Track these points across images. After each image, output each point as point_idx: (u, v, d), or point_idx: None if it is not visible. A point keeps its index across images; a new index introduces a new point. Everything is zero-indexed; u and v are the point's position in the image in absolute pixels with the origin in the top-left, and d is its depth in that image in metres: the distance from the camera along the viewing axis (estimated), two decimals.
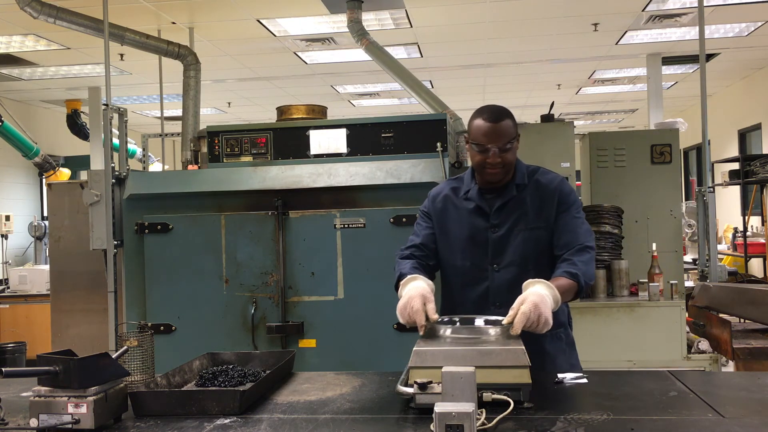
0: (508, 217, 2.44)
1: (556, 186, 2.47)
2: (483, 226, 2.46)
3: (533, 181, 2.48)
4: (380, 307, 3.67)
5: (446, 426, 1.50)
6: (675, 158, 4.87)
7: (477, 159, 2.40)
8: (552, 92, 11.35)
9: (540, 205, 2.44)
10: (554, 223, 2.43)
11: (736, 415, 1.76)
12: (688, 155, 13.35)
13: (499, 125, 2.37)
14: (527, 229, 2.43)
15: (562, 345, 2.50)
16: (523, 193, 2.46)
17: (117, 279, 3.98)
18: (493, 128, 2.36)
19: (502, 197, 2.46)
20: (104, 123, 4.17)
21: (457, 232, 2.51)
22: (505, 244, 2.44)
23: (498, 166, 2.38)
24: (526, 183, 2.47)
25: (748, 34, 8.16)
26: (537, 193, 2.46)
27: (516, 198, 2.45)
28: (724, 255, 9.24)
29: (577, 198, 2.52)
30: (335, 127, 3.96)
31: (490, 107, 2.44)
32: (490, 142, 2.36)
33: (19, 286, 7.78)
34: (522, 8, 7.01)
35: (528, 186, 2.47)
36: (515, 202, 2.45)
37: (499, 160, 2.37)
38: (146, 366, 2.07)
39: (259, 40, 7.80)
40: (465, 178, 2.56)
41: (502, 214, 2.45)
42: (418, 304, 2.14)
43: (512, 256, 2.43)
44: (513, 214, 2.44)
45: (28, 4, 5.40)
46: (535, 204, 2.44)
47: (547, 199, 2.44)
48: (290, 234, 3.75)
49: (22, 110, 10.70)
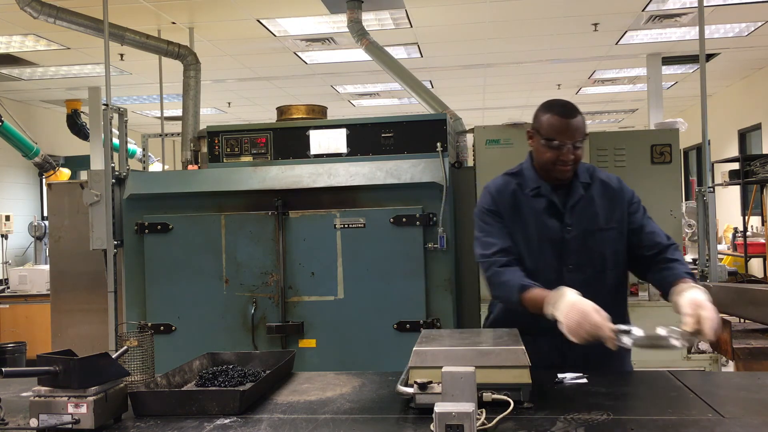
0: (581, 216, 2.36)
1: (622, 186, 2.43)
2: (557, 226, 2.36)
3: (597, 179, 2.42)
4: (380, 307, 3.68)
5: (446, 426, 1.50)
6: (675, 158, 4.86)
7: (548, 156, 2.31)
8: (552, 92, 11.35)
9: (610, 206, 2.38)
10: (628, 225, 2.38)
11: (736, 415, 1.76)
12: (688, 155, 13.35)
13: (574, 121, 2.30)
14: (601, 230, 2.36)
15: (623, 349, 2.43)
16: (590, 191, 2.39)
17: (117, 279, 3.98)
18: (568, 124, 2.30)
19: (571, 196, 2.37)
20: (104, 123, 4.17)
21: (529, 231, 2.38)
22: (579, 245, 2.35)
23: (570, 163, 2.31)
24: (590, 181, 2.40)
25: (748, 34, 8.16)
26: (604, 193, 2.39)
27: (585, 197, 2.38)
28: (724, 255, 9.24)
29: None
30: (335, 127, 3.96)
31: (559, 102, 2.37)
32: (566, 139, 2.29)
33: (19, 286, 7.78)
34: (522, 8, 7.00)
35: (593, 184, 2.40)
36: (585, 202, 2.38)
37: (572, 157, 2.30)
38: (146, 366, 2.07)
39: (259, 40, 7.80)
40: (526, 174, 2.42)
41: (575, 214, 2.36)
42: (598, 317, 1.97)
43: (587, 257, 2.36)
44: (585, 214, 2.37)
45: (28, 4, 5.40)
46: (604, 204, 2.38)
47: (616, 200, 2.39)
48: (290, 234, 3.75)
49: (22, 110, 10.70)
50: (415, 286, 3.66)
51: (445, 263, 3.70)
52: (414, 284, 3.66)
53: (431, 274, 3.69)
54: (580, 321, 1.98)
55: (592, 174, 2.43)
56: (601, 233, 2.36)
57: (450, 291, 3.70)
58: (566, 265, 2.36)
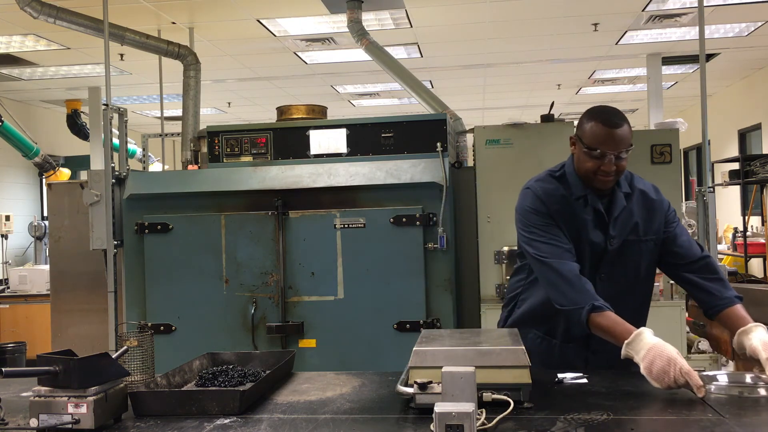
0: (623, 227, 2.32)
1: (659, 197, 2.38)
2: (601, 237, 2.31)
3: (636, 189, 2.36)
4: (380, 307, 3.68)
5: (446, 426, 1.50)
6: (675, 158, 4.86)
7: (589, 165, 2.24)
8: (552, 92, 11.35)
9: (648, 217, 2.34)
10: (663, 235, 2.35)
11: (736, 415, 1.76)
12: (688, 155, 13.35)
13: (618, 131, 2.21)
14: (639, 241, 2.32)
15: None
16: (630, 202, 2.34)
17: (117, 279, 3.98)
18: (612, 134, 2.20)
19: (615, 206, 2.32)
20: (104, 123, 4.17)
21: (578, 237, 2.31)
22: (616, 256, 2.32)
23: (611, 174, 2.24)
24: (630, 191, 2.35)
25: (748, 34, 8.16)
26: (643, 203, 2.35)
27: (626, 208, 2.33)
28: (724, 255, 9.24)
29: None
30: (335, 127, 3.96)
31: (606, 109, 2.28)
32: (609, 149, 2.20)
33: (19, 286, 7.78)
34: (522, 8, 7.00)
35: (633, 194, 2.35)
36: (627, 212, 2.33)
37: (614, 168, 2.22)
38: (146, 366, 2.07)
39: (259, 40, 7.80)
40: (570, 179, 2.34)
41: (618, 224, 2.32)
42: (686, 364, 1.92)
43: (622, 267, 2.32)
44: (627, 225, 2.32)
45: (28, 4, 5.40)
46: (643, 215, 2.34)
47: (655, 211, 2.35)
48: (290, 234, 3.75)
49: (22, 110, 10.70)
50: (415, 286, 3.66)
51: (445, 263, 3.70)
52: (414, 284, 3.66)
53: (431, 274, 3.69)
54: (666, 369, 1.92)
55: (630, 183, 2.37)
56: (639, 244, 2.33)
57: (450, 291, 3.70)
58: (599, 274, 2.32)
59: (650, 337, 2.01)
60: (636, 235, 2.33)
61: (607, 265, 2.32)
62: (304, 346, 3.71)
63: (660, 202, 2.38)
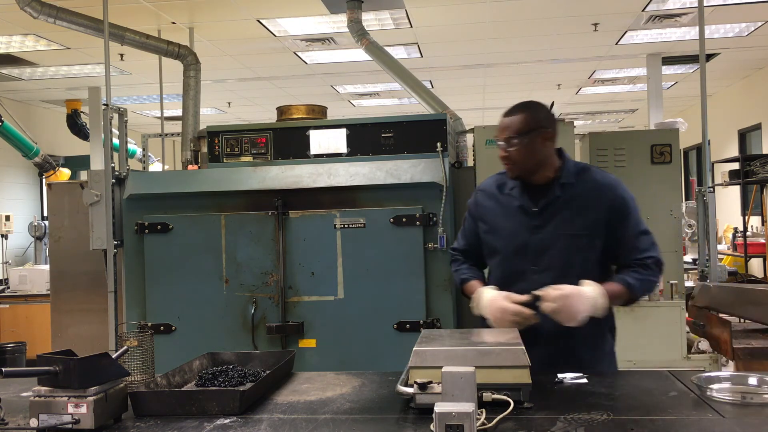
0: (552, 219, 2.33)
1: (609, 192, 2.32)
2: (525, 226, 2.35)
3: (582, 181, 2.34)
4: (380, 307, 3.67)
5: (446, 426, 1.50)
6: (675, 158, 4.86)
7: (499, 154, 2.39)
8: (552, 92, 11.35)
9: (585, 212, 2.31)
10: (609, 233, 2.31)
11: (736, 415, 1.76)
12: (688, 155, 13.35)
13: (506, 119, 2.34)
14: (570, 235, 2.31)
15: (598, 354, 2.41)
16: (569, 193, 2.33)
17: (117, 279, 3.98)
18: (501, 122, 2.35)
19: (546, 197, 2.34)
20: (104, 123, 4.17)
21: (498, 229, 2.41)
22: (546, 248, 2.32)
23: (506, 161, 2.33)
24: (572, 182, 2.34)
25: (748, 34, 8.16)
26: (585, 196, 2.32)
27: (561, 199, 2.33)
28: (724, 255, 9.24)
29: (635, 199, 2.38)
30: (335, 127, 3.96)
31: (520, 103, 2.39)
32: (498, 135, 2.36)
33: (19, 286, 7.78)
34: (522, 8, 7.01)
35: (575, 186, 2.34)
36: (560, 203, 2.33)
37: (505, 155, 2.32)
38: (146, 366, 2.07)
39: (259, 40, 7.80)
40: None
41: (545, 215, 2.33)
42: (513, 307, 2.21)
43: (553, 260, 2.32)
44: (557, 217, 2.32)
45: (28, 4, 5.40)
46: (581, 208, 2.32)
47: (594, 206, 2.31)
48: (290, 234, 3.75)
49: (22, 110, 10.70)
50: (415, 286, 3.66)
51: (445, 263, 3.70)
52: (414, 284, 3.66)
53: (431, 274, 3.69)
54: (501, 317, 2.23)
55: (583, 175, 2.35)
56: (570, 239, 2.31)
57: (450, 291, 3.70)
58: (532, 266, 2.35)
59: (486, 294, 2.30)
60: (567, 228, 2.32)
61: (537, 257, 2.34)
62: (304, 346, 3.70)
63: (602, 197, 2.32)
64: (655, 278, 2.31)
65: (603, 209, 2.31)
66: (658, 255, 2.32)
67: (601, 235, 2.32)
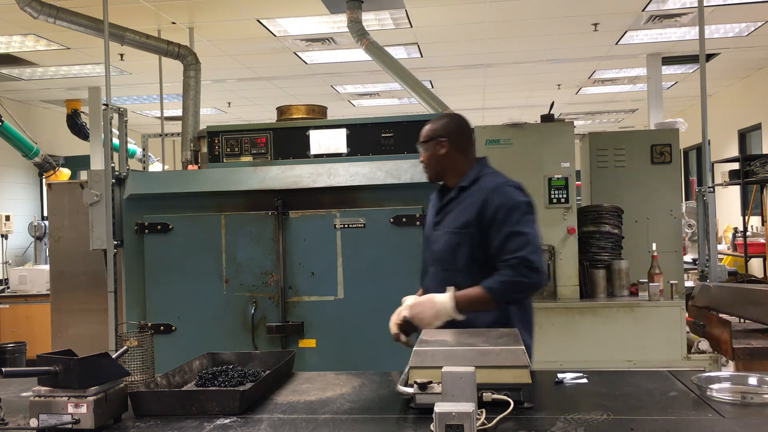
0: (444, 217, 2.57)
1: (487, 195, 2.47)
2: (431, 223, 2.64)
3: (475, 185, 2.55)
4: (380, 307, 3.66)
5: (446, 426, 1.50)
6: (675, 158, 4.87)
7: None
8: (552, 92, 11.35)
9: (465, 212, 2.50)
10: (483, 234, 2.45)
11: (736, 415, 1.76)
12: (688, 155, 13.34)
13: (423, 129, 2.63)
14: (451, 232, 2.52)
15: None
16: (462, 195, 2.55)
17: (117, 279, 3.98)
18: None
19: (446, 198, 2.59)
20: (104, 123, 4.17)
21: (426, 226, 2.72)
22: (437, 243, 2.57)
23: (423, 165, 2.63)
24: (467, 186, 2.55)
25: (748, 34, 8.16)
26: (470, 199, 2.52)
27: (454, 200, 2.56)
28: (724, 255, 9.24)
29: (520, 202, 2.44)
30: (335, 127, 3.96)
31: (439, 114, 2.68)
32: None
33: (19, 286, 7.78)
34: (522, 8, 7.01)
35: (469, 189, 2.55)
36: (453, 204, 2.56)
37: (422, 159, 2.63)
38: (146, 366, 2.07)
39: (259, 40, 7.80)
40: None
41: (441, 214, 2.59)
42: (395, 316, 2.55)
43: (439, 255, 2.56)
44: (448, 216, 2.56)
45: (28, 4, 5.40)
46: (463, 209, 2.52)
47: (471, 208, 2.49)
48: (290, 234, 3.74)
49: (22, 110, 10.70)
50: (415, 286, 3.65)
51: None
52: (414, 284, 3.65)
53: None
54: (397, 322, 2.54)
55: (479, 180, 2.55)
56: (448, 236, 2.53)
57: None
58: (431, 259, 2.63)
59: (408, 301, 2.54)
60: (451, 226, 2.53)
61: (433, 252, 2.61)
62: (304, 346, 3.70)
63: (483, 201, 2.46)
64: (522, 278, 2.32)
65: (476, 210, 2.48)
66: (525, 254, 2.33)
67: (476, 234, 2.46)
